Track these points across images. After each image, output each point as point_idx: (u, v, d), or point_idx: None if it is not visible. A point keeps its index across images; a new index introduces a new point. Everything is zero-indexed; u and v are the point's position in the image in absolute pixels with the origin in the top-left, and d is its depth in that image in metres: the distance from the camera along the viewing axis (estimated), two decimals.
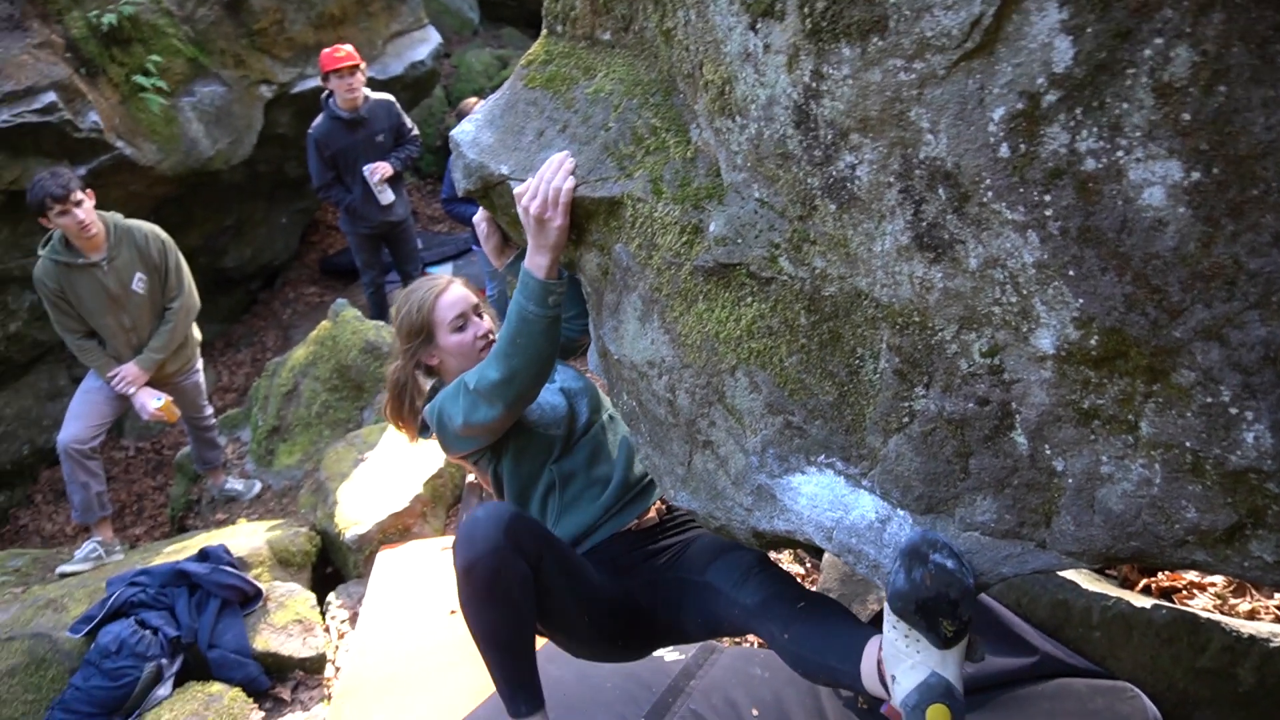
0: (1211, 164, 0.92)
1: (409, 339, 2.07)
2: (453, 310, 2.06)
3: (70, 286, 4.00)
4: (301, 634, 3.31)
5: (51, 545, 5.81)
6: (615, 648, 1.98)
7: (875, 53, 1.10)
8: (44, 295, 4.05)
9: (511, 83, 1.88)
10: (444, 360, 2.08)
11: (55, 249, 3.98)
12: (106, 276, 4.04)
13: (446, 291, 2.08)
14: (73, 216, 3.83)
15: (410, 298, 2.10)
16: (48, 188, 3.79)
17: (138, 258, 4.13)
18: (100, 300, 4.06)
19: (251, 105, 6.84)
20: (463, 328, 2.06)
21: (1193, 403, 0.98)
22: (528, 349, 1.73)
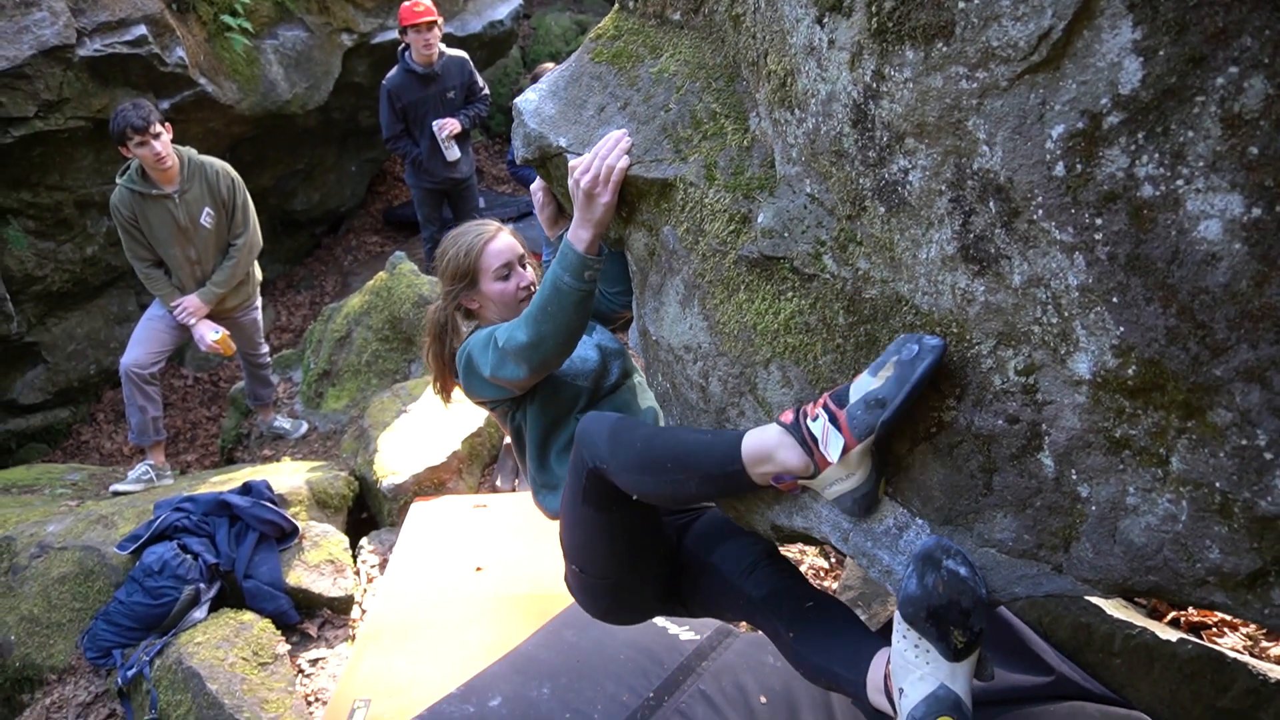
0: (1275, 202, 0.89)
1: (453, 280, 2.06)
2: (499, 258, 2.05)
3: (143, 215, 4.15)
4: (333, 574, 3.42)
5: (109, 463, 6.05)
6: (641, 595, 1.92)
7: (939, 58, 1.08)
8: (118, 221, 4.21)
9: (579, 55, 1.89)
10: (484, 306, 2.08)
11: (132, 178, 4.12)
12: (177, 209, 4.18)
13: (495, 239, 2.07)
14: (150, 148, 3.96)
15: (459, 240, 2.09)
16: (129, 118, 3.93)
17: (208, 193, 4.26)
18: (169, 231, 4.21)
19: (331, 52, 6.94)
20: (506, 277, 2.05)
21: (1226, 443, 0.96)
22: (557, 318, 1.72)
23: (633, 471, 1.54)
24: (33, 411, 6.22)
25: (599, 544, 1.77)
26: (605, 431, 1.59)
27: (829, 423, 1.27)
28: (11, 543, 3.50)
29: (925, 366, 1.17)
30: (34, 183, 5.55)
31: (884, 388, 1.21)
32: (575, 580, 1.92)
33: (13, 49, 5.02)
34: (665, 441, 1.53)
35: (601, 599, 1.92)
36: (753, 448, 1.39)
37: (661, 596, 1.92)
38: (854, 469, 1.29)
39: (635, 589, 1.89)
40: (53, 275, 5.90)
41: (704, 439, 1.50)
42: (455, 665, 2.87)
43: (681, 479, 1.49)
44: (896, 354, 1.21)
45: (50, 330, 6.16)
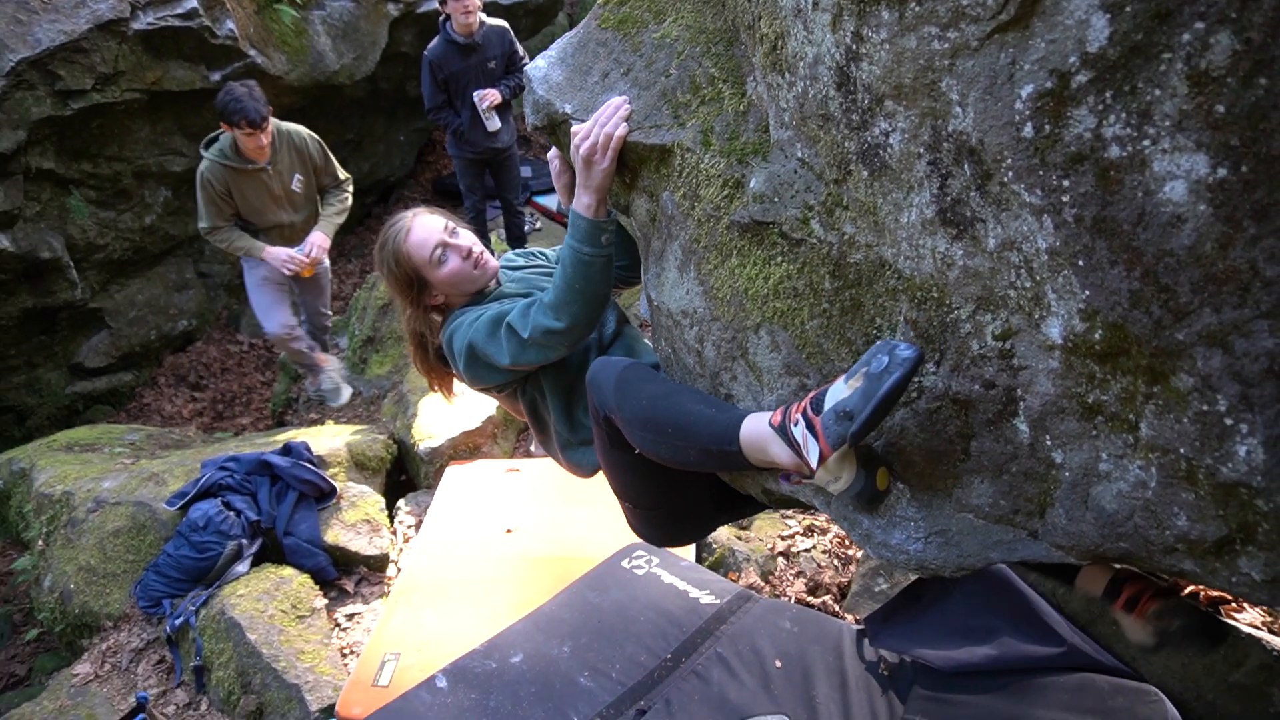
0: (1241, 161, 0.87)
1: (404, 291, 2.02)
2: (425, 247, 1.97)
3: (237, 189, 4.27)
4: (369, 533, 3.53)
5: (169, 424, 6.30)
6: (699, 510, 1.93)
7: (912, 18, 1.07)
8: (208, 193, 4.22)
9: (587, 21, 1.89)
10: (447, 294, 2.03)
11: (225, 153, 4.19)
12: (271, 180, 4.33)
13: (411, 232, 2.01)
14: (256, 140, 4.08)
15: (382, 254, 2.04)
16: (247, 112, 3.98)
17: (297, 159, 4.43)
18: (263, 200, 4.36)
19: (378, 22, 7.01)
20: (444, 258, 1.98)
21: (1189, 409, 0.95)
22: (585, 291, 1.71)
23: (636, 428, 1.55)
24: (98, 375, 6.50)
25: (641, 481, 1.79)
26: (612, 381, 1.60)
27: (806, 429, 1.26)
28: (70, 497, 3.69)
29: (892, 381, 1.14)
30: (93, 154, 5.75)
31: (852, 399, 1.19)
32: (633, 516, 1.97)
33: (70, 23, 5.18)
34: (670, 406, 1.52)
35: (663, 525, 1.97)
36: (750, 437, 1.38)
37: (721, 505, 1.92)
38: (838, 472, 1.27)
39: (690, 507, 1.90)
40: (113, 243, 6.12)
41: (706, 414, 1.48)
42: (482, 622, 2.95)
43: (681, 446, 1.50)
44: (867, 364, 1.19)
45: (113, 297, 6.40)
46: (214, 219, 4.31)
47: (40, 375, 6.10)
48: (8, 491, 4.23)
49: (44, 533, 3.79)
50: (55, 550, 3.64)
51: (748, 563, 3.21)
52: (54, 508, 3.78)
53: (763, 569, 3.19)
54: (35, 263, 5.50)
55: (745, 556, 3.23)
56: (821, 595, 3.04)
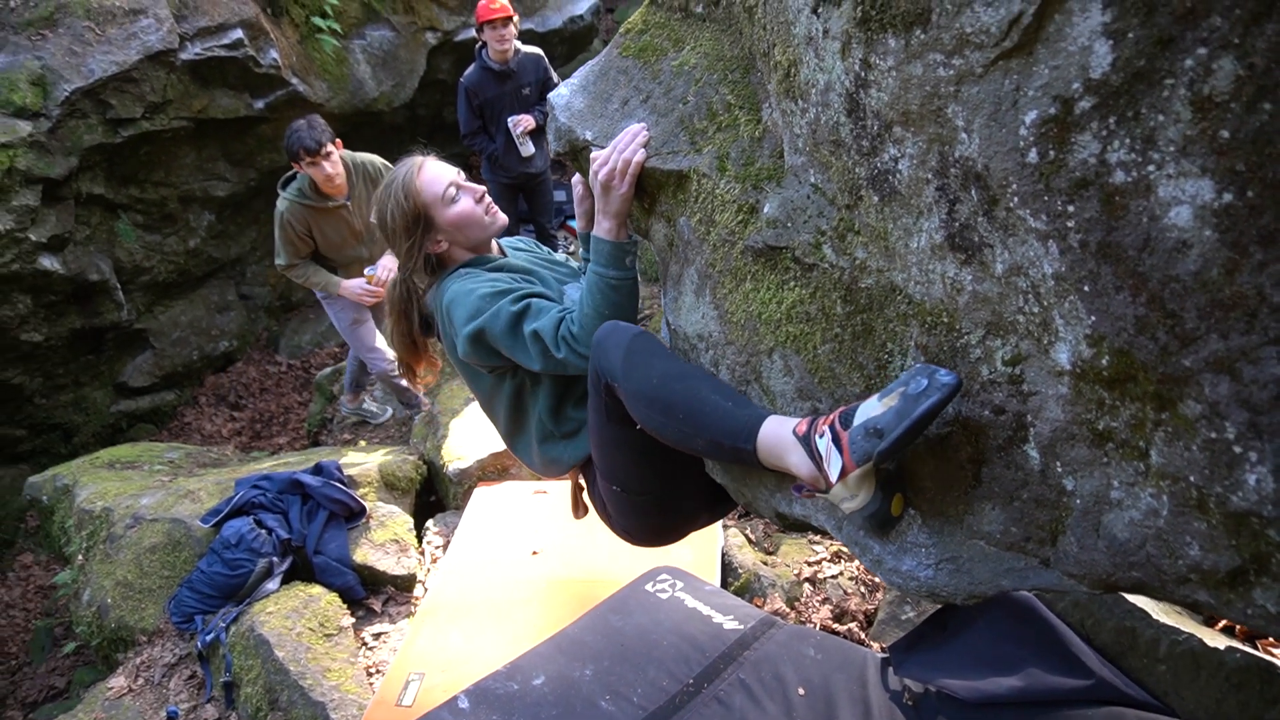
0: (1246, 186, 0.86)
1: (407, 234, 1.88)
2: (438, 183, 1.88)
3: (318, 228, 4.23)
4: (397, 553, 3.57)
5: (209, 443, 6.43)
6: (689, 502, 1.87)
7: (917, 45, 1.07)
8: (287, 234, 4.17)
9: (609, 49, 1.93)
10: (452, 240, 1.92)
11: (304, 193, 4.15)
12: (352, 216, 4.27)
13: (424, 168, 1.91)
14: (321, 169, 3.98)
15: (388, 192, 1.91)
16: (303, 139, 3.92)
17: (373, 189, 4.34)
18: (344, 236, 4.32)
19: (416, 51, 7.17)
20: (457, 196, 1.89)
21: (1198, 436, 0.93)
22: (614, 316, 1.67)
23: (642, 403, 1.49)
24: (142, 394, 6.66)
25: (636, 459, 1.71)
26: (621, 348, 1.53)
27: (832, 442, 1.24)
28: (110, 513, 3.78)
29: (929, 404, 1.12)
30: (141, 179, 5.94)
31: (884, 417, 1.17)
32: (619, 503, 1.84)
33: (122, 54, 5.37)
34: (684, 389, 1.46)
35: (650, 515, 1.86)
36: (769, 440, 1.35)
37: (709, 500, 1.86)
38: (856, 490, 1.25)
39: (681, 497, 1.82)
40: (159, 266, 6.29)
41: (724, 406, 1.42)
42: (506, 643, 2.96)
43: (690, 432, 1.44)
44: (905, 384, 1.17)
45: (157, 318, 6.57)
46: (291, 257, 4.28)
47: (86, 394, 6.26)
48: (52, 507, 4.35)
49: (84, 548, 3.88)
50: (94, 565, 3.72)
51: (773, 588, 3.18)
52: (94, 523, 3.87)
53: (788, 595, 3.16)
54: (84, 284, 5.67)
55: (771, 582, 3.20)
56: (847, 622, 3.01)
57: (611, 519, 1.96)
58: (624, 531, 1.97)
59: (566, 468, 1.99)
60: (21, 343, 5.50)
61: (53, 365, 5.89)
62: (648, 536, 1.96)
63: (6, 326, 5.34)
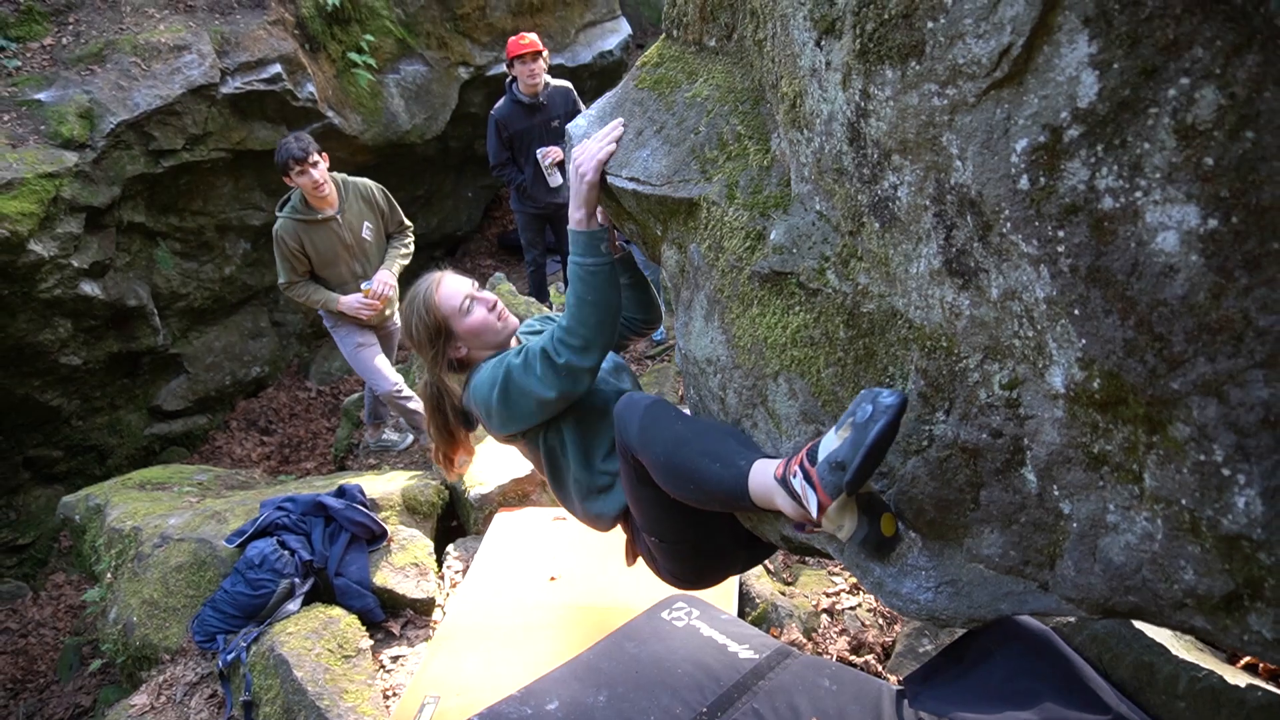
0: (1231, 213, 0.88)
1: (431, 343, 2.09)
2: (455, 297, 2.07)
3: (309, 241, 4.48)
4: (417, 577, 3.59)
5: (239, 466, 6.53)
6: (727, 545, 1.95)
7: (913, 76, 1.11)
8: (282, 250, 4.48)
9: (625, 82, 1.98)
10: (470, 347, 2.10)
11: (295, 208, 4.45)
12: (341, 229, 4.53)
13: (441, 284, 2.11)
14: (309, 176, 4.30)
15: (411, 307, 2.13)
16: (291, 150, 4.27)
17: (365, 208, 4.64)
18: (335, 250, 4.56)
19: (449, 85, 7.35)
20: (471, 308, 2.07)
21: (1188, 459, 0.94)
22: (596, 302, 1.78)
23: (659, 473, 1.61)
24: (175, 418, 6.79)
25: (669, 516, 1.82)
26: (636, 421, 1.67)
27: (804, 480, 1.29)
28: (139, 533, 3.85)
29: (878, 429, 1.16)
30: (180, 208, 6.11)
31: (842, 449, 1.22)
32: (660, 552, 1.97)
33: (165, 88, 5.57)
34: (686, 457, 1.56)
35: (690, 560, 1.97)
36: (756, 491, 1.44)
37: (747, 543, 1.94)
38: (840, 521, 1.30)
39: (718, 543, 1.92)
40: (195, 293, 6.45)
41: (713, 468, 1.51)
42: (521, 669, 2.97)
43: (702, 498, 1.56)
44: (853, 414, 1.21)
45: (192, 343, 6.72)
46: (289, 274, 4.51)
47: (121, 417, 6.40)
48: (84, 526, 4.44)
49: (113, 566, 3.96)
50: (122, 583, 3.79)
51: (790, 619, 3.16)
52: (123, 542, 3.95)
53: (806, 625, 3.14)
54: (122, 310, 5.83)
55: (789, 612, 3.18)
56: (864, 654, 2.98)
57: (657, 565, 2.06)
58: (670, 576, 2.07)
59: (611, 522, 2.10)
60: (61, 366, 5.65)
61: (90, 388, 6.04)
62: (692, 580, 2.08)
63: (47, 350, 5.50)
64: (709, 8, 1.76)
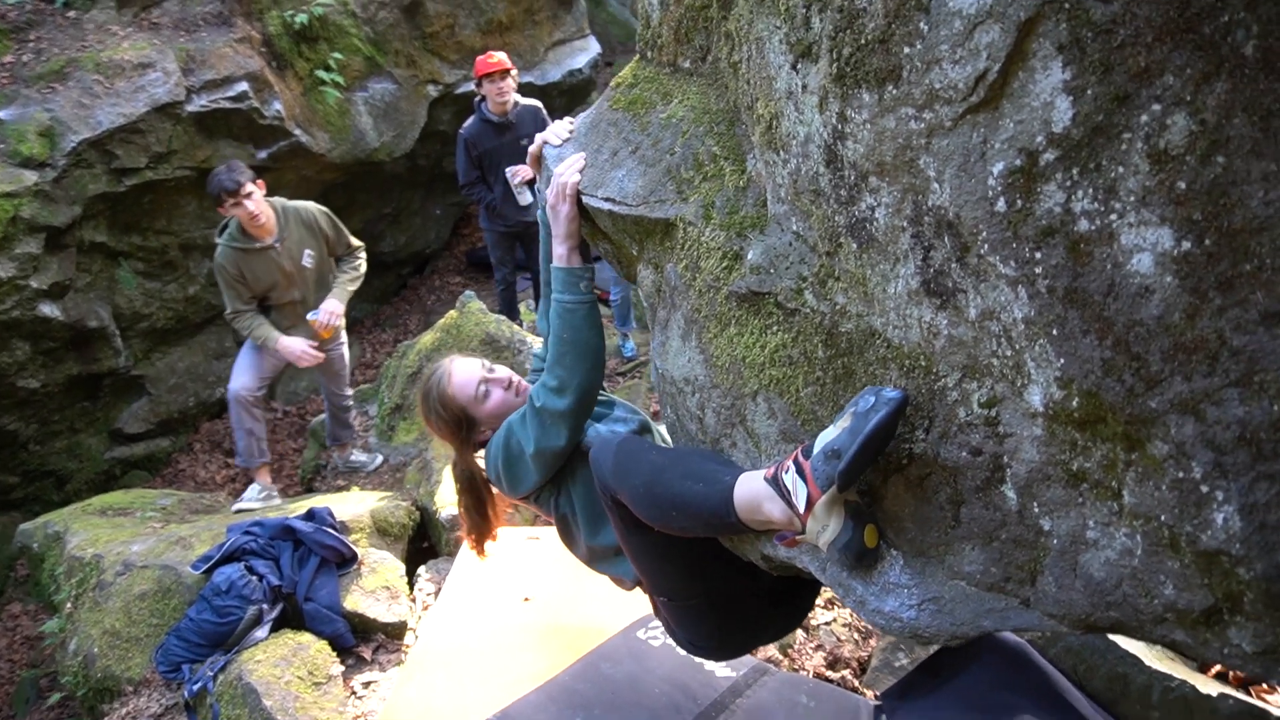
0: (1204, 235, 0.90)
1: (455, 435, 2.07)
2: (469, 386, 2.04)
3: (249, 269, 4.40)
4: (388, 600, 3.54)
5: (202, 490, 6.40)
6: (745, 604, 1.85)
7: (890, 100, 1.12)
8: (223, 279, 4.43)
9: (600, 103, 1.99)
10: (493, 428, 2.06)
11: (234, 236, 4.38)
12: (280, 256, 4.43)
13: (453, 376, 2.07)
14: (243, 207, 4.22)
15: (427, 403, 2.09)
16: (222, 182, 4.19)
17: (307, 234, 4.54)
18: (274, 278, 4.47)
19: (418, 103, 7.31)
20: (488, 393, 2.04)
21: (1166, 476, 0.95)
22: (575, 341, 1.77)
23: (642, 507, 1.58)
24: (136, 440, 6.65)
25: (668, 562, 1.75)
26: (610, 460, 1.63)
27: (797, 474, 1.29)
28: (100, 560, 3.76)
29: (879, 419, 1.17)
30: (143, 227, 6.01)
31: (839, 438, 1.22)
32: (671, 614, 1.88)
33: (129, 106, 5.48)
34: (665, 486, 1.54)
35: (704, 620, 1.85)
36: (743, 501, 1.42)
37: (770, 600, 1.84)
38: (826, 520, 1.29)
39: (733, 598, 1.81)
40: (158, 313, 6.33)
41: (697, 491, 1.49)
42: (497, 692, 2.93)
43: (686, 524, 1.54)
44: (855, 405, 1.22)
45: (154, 364, 6.59)
46: (234, 302, 4.43)
47: (81, 440, 6.25)
48: (42, 554, 4.32)
49: (73, 595, 3.85)
50: (82, 613, 3.69)
51: None
52: (84, 570, 3.84)
53: (781, 642, 3.14)
54: (83, 331, 5.70)
55: None
56: (841, 670, 2.98)
57: (675, 633, 1.95)
58: (690, 645, 1.95)
59: (632, 584, 2.06)
60: (18, 389, 5.51)
61: (48, 412, 5.89)
62: (714, 647, 1.93)
63: (4, 373, 5.36)
64: (684, 30, 1.77)
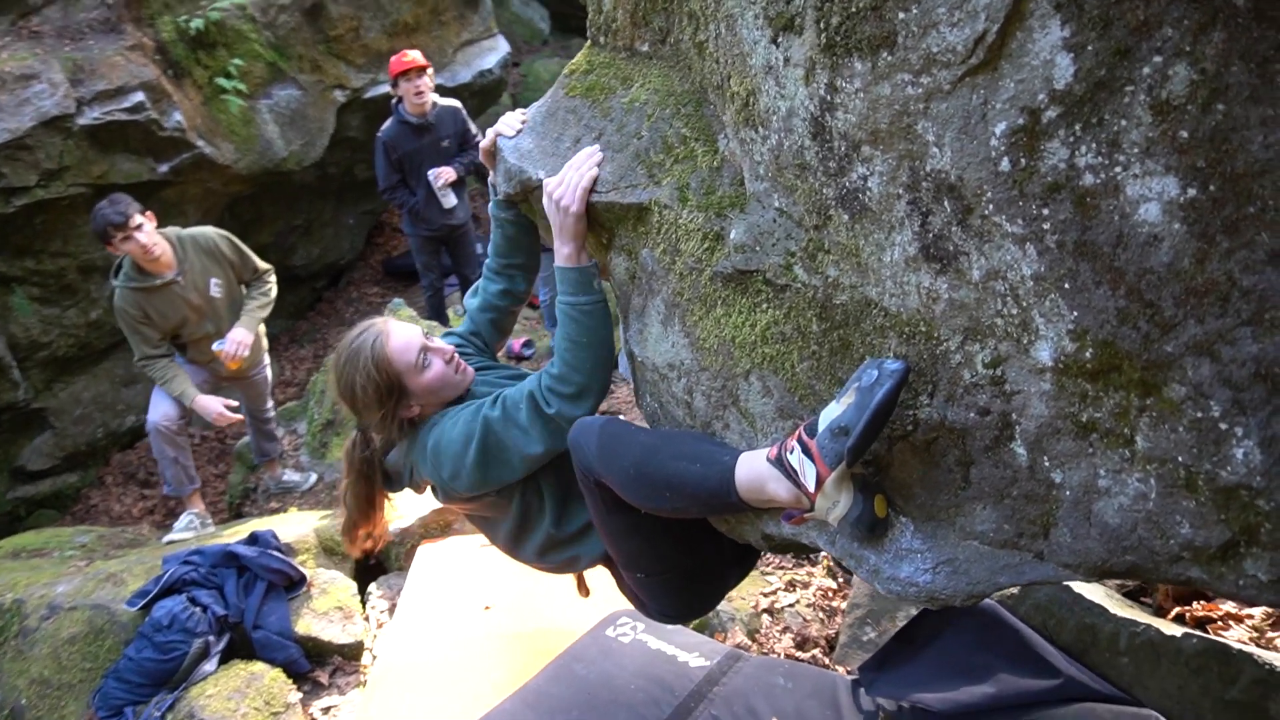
0: (1208, 181, 0.93)
1: (380, 404, 1.85)
2: (409, 351, 1.85)
3: (153, 308, 4.04)
4: (342, 620, 3.42)
5: (118, 524, 6.07)
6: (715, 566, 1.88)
7: (885, 67, 1.13)
8: (126, 323, 4.07)
9: (554, 91, 1.95)
10: (424, 404, 1.90)
11: (130, 275, 4.00)
12: (185, 290, 4.09)
13: (391, 337, 1.87)
14: (135, 241, 3.83)
15: (355, 364, 1.85)
16: (108, 216, 3.78)
17: (210, 262, 4.21)
18: (182, 314, 4.14)
19: (325, 109, 7.08)
20: (428, 362, 1.86)
21: (1184, 417, 0.99)
22: (592, 343, 1.69)
23: (631, 490, 1.54)
24: (41, 478, 6.26)
25: (649, 542, 1.72)
26: (594, 443, 1.58)
27: (803, 453, 1.28)
28: (22, 605, 3.51)
29: (884, 392, 1.17)
30: (37, 250, 5.65)
31: (846, 414, 1.22)
32: (644, 587, 1.85)
33: (14, 121, 5.15)
34: (659, 466, 1.51)
35: (679, 591, 1.86)
36: (746, 480, 1.40)
37: (735, 556, 1.87)
38: (836, 496, 1.29)
39: (705, 564, 1.83)
40: (58, 340, 5.97)
41: (695, 471, 1.47)
42: (466, 705, 2.86)
43: (681, 505, 1.51)
44: (858, 380, 1.22)
45: (57, 395, 6.22)
46: (143, 348, 4.08)
47: None
48: None
49: None
50: (5, 664, 3.44)
51: (733, 622, 3.17)
52: (4, 618, 3.58)
53: (749, 627, 3.15)
54: None
55: (730, 616, 3.19)
56: (810, 649, 3.01)
57: (646, 606, 1.94)
58: (662, 615, 1.95)
59: (586, 566, 2.00)
60: None
61: None
62: (685, 612, 1.97)
63: None
64: (641, 13, 1.75)
